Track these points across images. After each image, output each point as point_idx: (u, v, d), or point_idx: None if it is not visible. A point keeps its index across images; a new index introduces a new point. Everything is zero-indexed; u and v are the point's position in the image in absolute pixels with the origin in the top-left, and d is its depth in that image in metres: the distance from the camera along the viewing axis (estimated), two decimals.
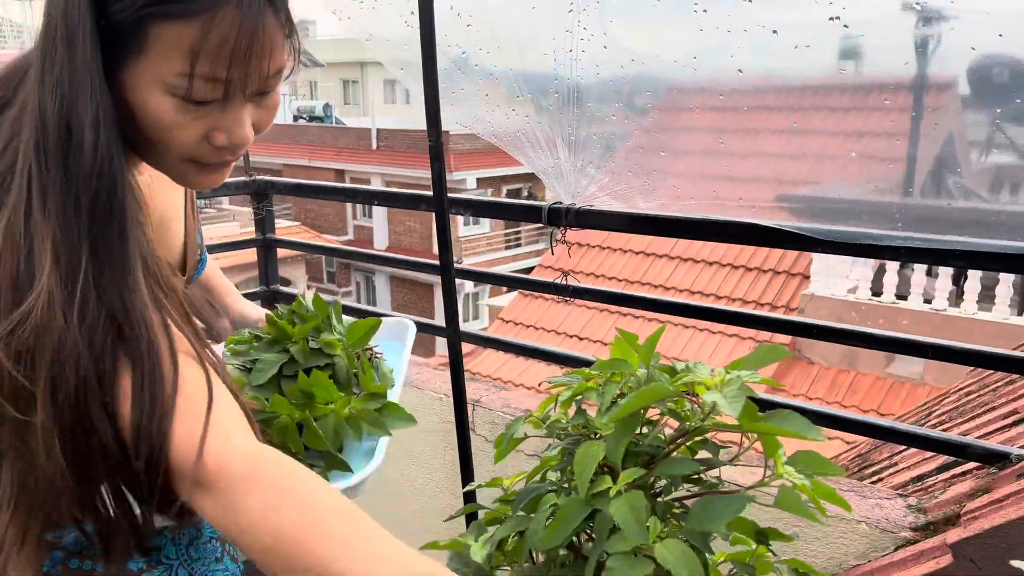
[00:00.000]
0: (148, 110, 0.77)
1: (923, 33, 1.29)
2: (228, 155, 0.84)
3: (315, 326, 0.93)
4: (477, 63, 1.63)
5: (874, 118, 1.44)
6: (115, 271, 0.74)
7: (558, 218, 1.68)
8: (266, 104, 0.84)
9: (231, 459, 0.73)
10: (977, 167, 1.39)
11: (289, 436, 0.85)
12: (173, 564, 0.98)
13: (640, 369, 0.85)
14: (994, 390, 2.00)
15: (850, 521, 1.44)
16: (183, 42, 0.73)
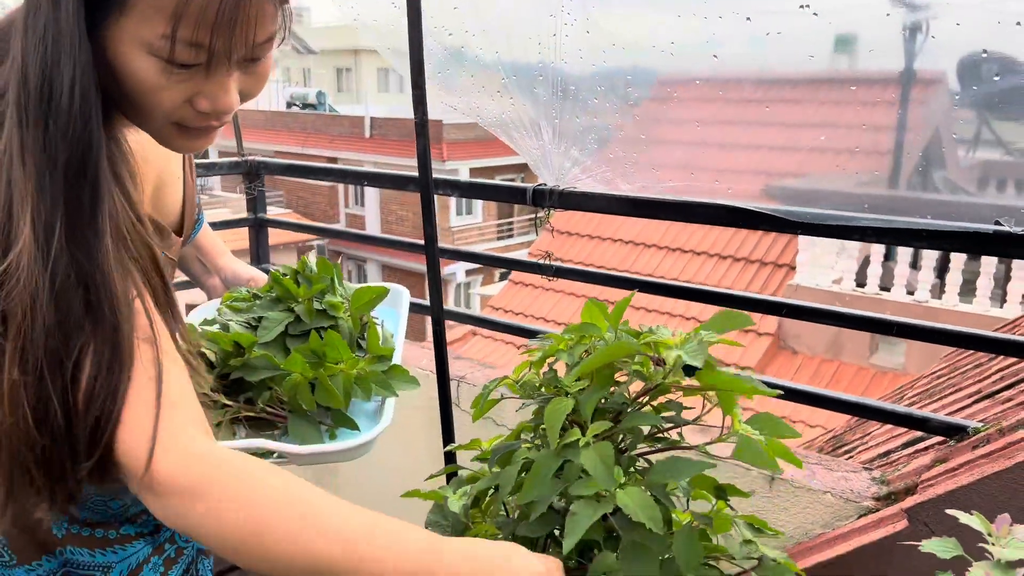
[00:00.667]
0: (130, 71, 0.77)
1: (912, 26, 1.31)
2: (212, 120, 0.83)
3: (321, 288, 0.97)
4: (464, 46, 1.66)
5: (861, 111, 1.46)
6: (86, 236, 0.74)
7: (542, 199, 1.72)
8: (256, 71, 0.83)
9: (178, 472, 0.74)
10: (964, 162, 1.40)
11: (300, 393, 0.89)
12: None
13: (608, 332, 0.90)
14: (963, 373, 2.06)
15: (816, 492, 1.50)
16: (164, 4, 0.72)
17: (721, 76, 1.56)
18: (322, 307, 0.97)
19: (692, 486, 0.94)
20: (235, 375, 0.92)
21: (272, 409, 0.92)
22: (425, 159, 1.16)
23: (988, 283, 5.58)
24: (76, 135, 0.73)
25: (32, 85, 0.73)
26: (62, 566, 0.93)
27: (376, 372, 0.94)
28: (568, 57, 1.61)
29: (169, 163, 1.02)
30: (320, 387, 0.90)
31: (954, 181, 1.46)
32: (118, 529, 0.95)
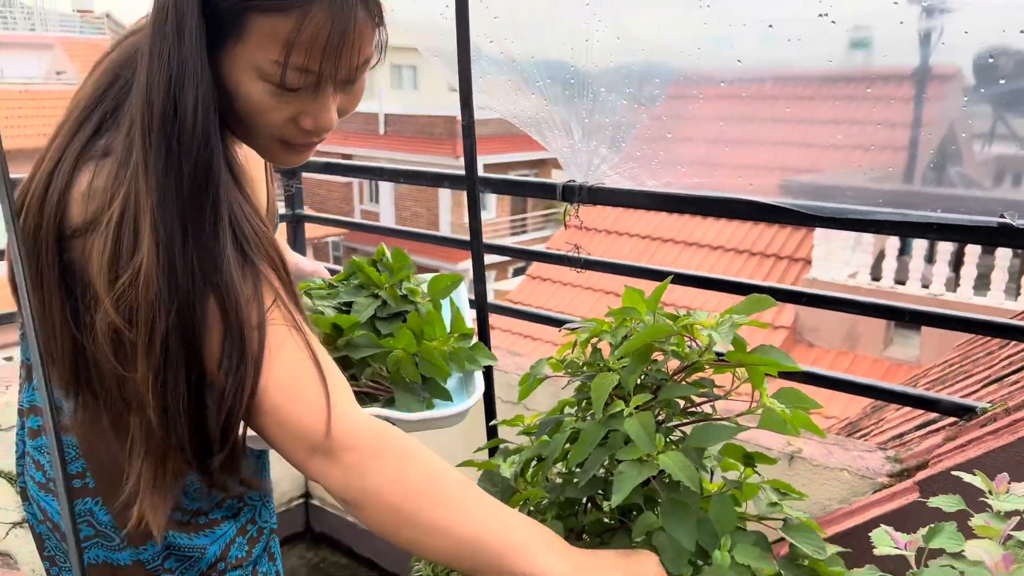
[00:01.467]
0: (242, 92, 0.83)
1: (926, 25, 1.35)
2: (314, 137, 0.91)
3: (402, 277, 1.08)
4: (502, 52, 1.75)
5: (877, 108, 1.49)
6: (206, 241, 0.81)
7: (572, 195, 1.82)
8: (352, 91, 0.90)
9: (359, 431, 0.83)
10: (980, 157, 1.45)
11: (404, 366, 0.99)
12: (256, 504, 1.14)
13: (647, 315, 1.00)
14: (974, 360, 2.15)
15: (833, 470, 1.59)
16: (278, 33, 0.79)
17: (739, 75, 1.62)
18: (403, 292, 1.08)
19: (723, 455, 1.04)
20: (337, 354, 1.03)
21: (374, 383, 1.02)
22: (472, 159, 1.26)
23: (1003, 276, 5.63)
24: (198, 153, 0.80)
25: (157, 108, 0.80)
26: (165, 549, 1.02)
27: (464, 348, 1.05)
28: (597, 59, 1.69)
29: (257, 170, 1.10)
30: (423, 360, 1.00)
31: (969, 176, 1.53)
32: (208, 514, 1.05)
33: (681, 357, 0.98)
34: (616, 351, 0.98)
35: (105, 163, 0.84)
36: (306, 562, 2.56)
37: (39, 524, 1.08)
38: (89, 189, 0.84)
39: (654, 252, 7.18)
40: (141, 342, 0.81)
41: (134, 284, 0.80)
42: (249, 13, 0.79)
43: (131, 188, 0.81)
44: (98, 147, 0.86)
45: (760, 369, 0.91)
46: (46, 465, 1.04)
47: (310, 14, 0.78)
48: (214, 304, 0.81)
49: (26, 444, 1.07)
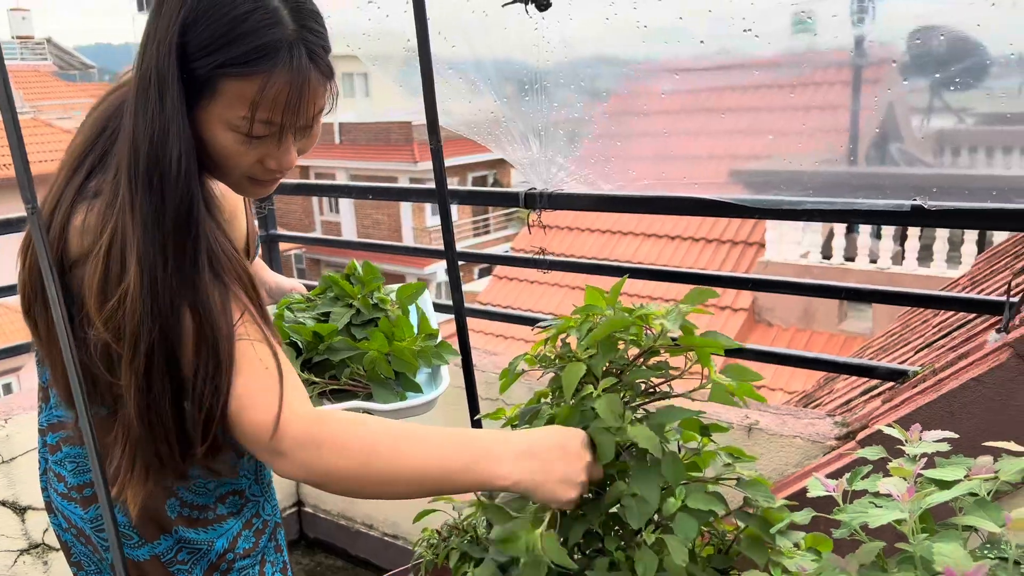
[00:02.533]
0: (215, 141, 0.97)
1: (862, 7, 1.44)
2: (278, 175, 1.06)
3: (372, 288, 1.22)
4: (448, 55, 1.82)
5: (820, 93, 1.59)
6: (185, 269, 0.94)
7: (534, 202, 1.96)
8: (309, 134, 1.05)
9: (302, 428, 0.95)
10: (920, 134, 1.53)
11: (379, 364, 1.13)
12: (259, 500, 1.26)
13: (608, 310, 1.14)
14: (912, 329, 2.33)
15: (787, 437, 1.75)
16: (245, 94, 0.93)
17: (687, 66, 1.69)
18: (375, 301, 1.22)
19: (682, 427, 1.18)
20: (319, 358, 1.16)
21: (353, 381, 1.15)
22: (441, 177, 1.39)
23: (943, 247, 5.91)
24: (180, 196, 0.94)
25: (142, 156, 0.93)
26: (177, 543, 1.14)
27: (431, 346, 1.19)
28: (548, 57, 1.71)
29: (236, 202, 1.23)
30: (395, 358, 1.14)
31: (911, 152, 1.68)
32: (215, 510, 1.17)
33: (639, 344, 1.13)
34: (582, 343, 1.12)
35: (96, 203, 0.98)
36: (303, 568, 2.66)
37: (64, 532, 1.19)
38: (83, 226, 0.97)
39: (615, 246, 7.36)
40: (126, 354, 0.94)
41: (121, 305, 0.93)
42: (221, 78, 0.93)
43: (118, 223, 0.95)
44: (89, 189, 1.00)
45: (706, 350, 1.06)
46: (67, 475, 1.15)
47: (272, 78, 0.93)
48: (191, 321, 0.95)
49: (48, 460, 1.18)
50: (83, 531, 1.16)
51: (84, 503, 1.14)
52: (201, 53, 0.92)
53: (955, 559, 0.71)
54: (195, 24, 0.92)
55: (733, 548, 1.12)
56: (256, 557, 1.23)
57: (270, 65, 0.92)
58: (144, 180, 0.93)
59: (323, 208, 23.20)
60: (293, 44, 0.94)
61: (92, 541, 1.15)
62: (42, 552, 2.08)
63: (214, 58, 0.92)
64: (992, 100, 1.42)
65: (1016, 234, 2.56)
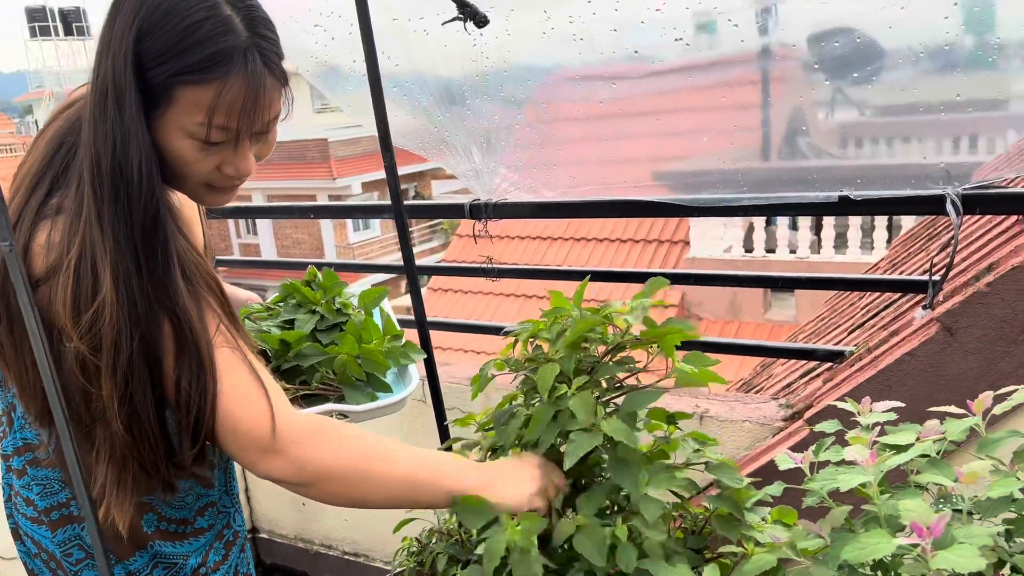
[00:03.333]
0: (172, 149, 0.98)
1: (763, 8, 1.50)
2: (236, 181, 1.07)
3: (334, 294, 1.25)
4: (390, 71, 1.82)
5: (730, 92, 1.64)
6: (159, 275, 0.96)
7: (479, 212, 2.01)
8: (266, 140, 1.07)
9: (298, 426, 1.00)
10: (825, 127, 1.63)
11: (349, 367, 1.16)
12: (230, 511, 1.27)
13: (574, 311, 1.20)
14: (840, 313, 2.47)
15: (737, 422, 1.84)
16: (202, 101, 0.94)
17: (600, 72, 1.74)
18: (338, 307, 1.25)
19: (649, 418, 1.24)
20: (288, 365, 1.18)
21: (324, 385, 1.18)
22: (396, 193, 1.42)
23: (857, 234, 6.22)
24: (146, 203, 0.96)
25: (105, 168, 0.95)
26: (152, 558, 1.15)
27: (397, 347, 1.23)
28: (462, 68, 1.78)
29: (191, 215, 1.23)
30: (365, 360, 1.18)
31: (819, 145, 1.78)
32: (193, 524, 1.19)
33: (606, 342, 1.18)
34: (555, 344, 1.17)
35: (59, 219, 0.99)
36: None
37: (33, 559, 1.18)
38: (47, 242, 0.98)
39: (545, 251, 7.47)
40: (106, 365, 0.95)
41: (99, 317, 0.94)
42: (177, 86, 0.94)
43: (85, 236, 0.96)
44: (51, 206, 1.00)
45: (670, 340, 1.12)
46: (35, 499, 1.14)
47: (227, 84, 0.95)
48: (169, 328, 0.96)
49: (14, 486, 1.17)
50: (54, 555, 1.15)
51: (52, 526, 1.14)
52: (156, 62, 0.93)
53: (919, 513, 0.78)
54: (149, 34, 0.93)
55: (706, 528, 1.18)
56: (228, 570, 1.24)
57: (224, 71, 0.94)
58: (109, 190, 0.95)
59: (239, 230, 22.69)
60: (247, 50, 0.96)
61: (62, 565, 1.15)
62: None
63: (169, 66, 0.93)
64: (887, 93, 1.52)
65: (927, 218, 2.74)
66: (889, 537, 0.78)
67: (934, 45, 1.36)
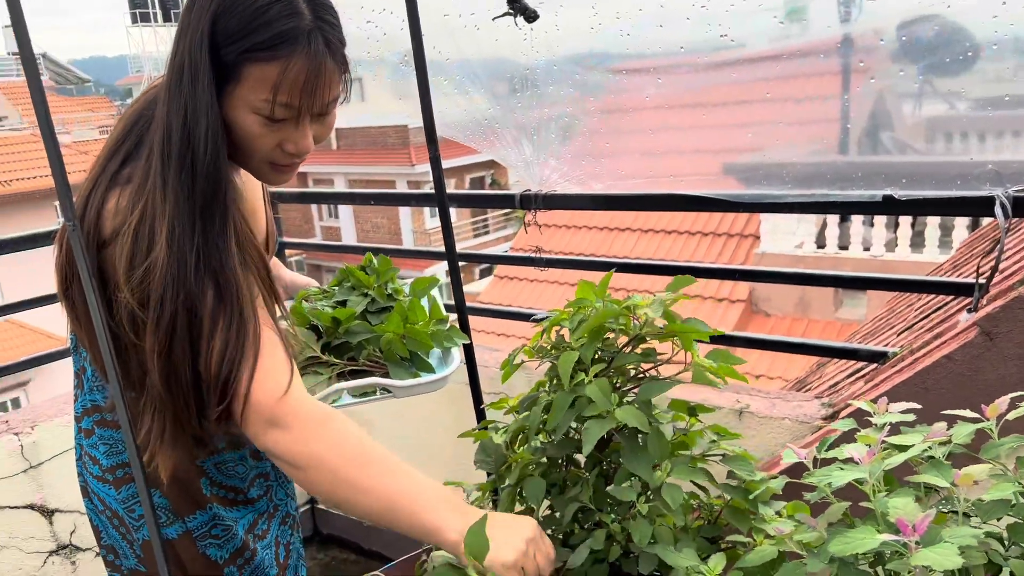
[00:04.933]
0: (239, 124, 1.06)
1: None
2: (296, 159, 1.14)
3: (387, 279, 1.33)
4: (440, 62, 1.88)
5: (810, 83, 1.63)
6: (214, 240, 1.04)
7: (529, 203, 2.05)
8: (325, 122, 1.13)
9: (308, 409, 1.05)
10: (911, 121, 1.59)
11: (395, 345, 1.23)
12: (274, 485, 1.35)
13: (597, 302, 1.23)
14: (897, 313, 2.42)
15: (776, 419, 1.84)
16: (267, 77, 1.02)
17: (679, 61, 1.73)
18: (389, 291, 1.32)
19: (672, 409, 1.27)
20: (338, 341, 1.26)
21: (371, 362, 1.25)
22: (440, 183, 1.48)
23: (935, 233, 5.99)
24: (209, 170, 1.03)
25: (175, 136, 1.03)
26: (211, 519, 1.24)
27: (443, 330, 1.29)
28: (539, 52, 1.79)
29: (256, 198, 1.32)
30: (410, 339, 1.24)
31: (903, 140, 1.75)
32: (245, 493, 1.28)
33: (627, 333, 1.22)
34: (575, 333, 1.21)
35: (127, 187, 1.07)
36: (318, 562, 2.75)
37: (99, 515, 1.27)
38: (115, 208, 1.07)
39: (612, 242, 7.45)
40: (151, 320, 1.02)
41: (149, 273, 1.02)
42: (246, 63, 1.02)
43: (148, 200, 1.04)
44: (123, 175, 1.09)
45: (688, 336, 1.15)
46: (101, 458, 1.23)
47: (291, 62, 1.02)
48: (214, 291, 1.03)
49: (83, 446, 1.27)
50: (116, 512, 1.24)
51: (116, 484, 1.23)
52: (229, 40, 1.01)
53: (906, 511, 0.80)
54: (224, 15, 1.01)
55: (720, 519, 1.21)
56: (271, 540, 1.33)
57: (289, 50, 1.01)
58: (176, 158, 1.02)
59: (322, 214, 23.28)
60: (311, 33, 1.03)
61: (125, 521, 1.24)
62: (70, 553, 2.18)
63: (240, 44, 1.01)
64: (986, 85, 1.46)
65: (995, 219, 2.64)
66: (875, 533, 0.80)
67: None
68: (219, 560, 1.25)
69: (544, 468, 1.28)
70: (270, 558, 1.32)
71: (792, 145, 1.73)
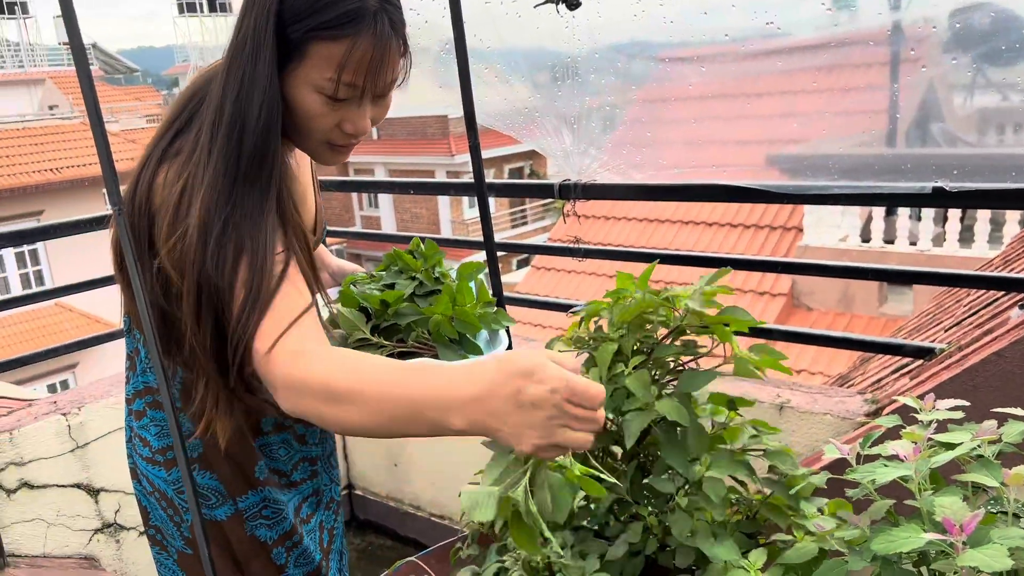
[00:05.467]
0: (300, 103, 1.06)
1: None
2: (352, 139, 1.14)
3: (433, 263, 1.33)
4: (481, 50, 1.85)
5: (858, 73, 1.59)
6: (250, 212, 1.03)
7: (568, 192, 2.04)
8: (383, 103, 1.13)
9: (321, 348, 0.94)
10: (962, 112, 1.56)
11: (443, 326, 1.23)
12: (321, 471, 1.37)
13: (637, 293, 1.22)
14: (944, 309, 2.36)
15: (818, 414, 1.81)
16: (333, 56, 1.02)
17: (724, 51, 1.70)
18: (436, 275, 1.33)
19: (711, 403, 1.25)
20: (386, 323, 1.27)
21: (419, 344, 1.26)
22: (479, 172, 1.48)
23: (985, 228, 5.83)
24: (256, 143, 1.03)
25: (226, 112, 1.03)
26: (262, 500, 1.26)
27: (490, 312, 1.30)
28: (582, 42, 1.77)
29: (307, 182, 1.32)
30: (458, 320, 1.25)
31: (953, 132, 1.71)
32: (289, 476, 1.29)
33: (668, 324, 1.20)
34: (613, 324, 1.20)
35: (176, 160, 1.08)
36: (355, 547, 2.79)
37: (147, 496, 1.29)
38: (164, 180, 1.08)
39: (652, 233, 7.39)
40: (186, 288, 1.03)
41: (182, 239, 1.02)
42: (311, 41, 1.02)
43: (192, 171, 1.05)
44: (172, 149, 1.10)
45: (728, 328, 1.13)
46: (151, 439, 1.25)
47: (357, 42, 1.01)
48: (239, 261, 1.01)
49: (133, 428, 1.29)
50: (165, 494, 1.26)
51: (167, 465, 1.24)
52: (295, 18, 1.01)
53: (953, 510, 0.78)
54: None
55: (760, 514, 1.19)
56: (316, 525, 1.34)
57: (356, 30, 1.01)
58: (225, 130, 1.03)
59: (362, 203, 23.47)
60: (377, 13, 1.02)
61: (173, 503, 1.25)
62: (114, 531, 2.23)
63: (307, 23, 1.01)
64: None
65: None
66: (920, 532, 0.78)
67: None
68: (268, 541, 1.27)
69: (580, 458, 1.28)
70: (314, 543, 1.34)
71: (839, 136, 1.71)
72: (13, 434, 2.03)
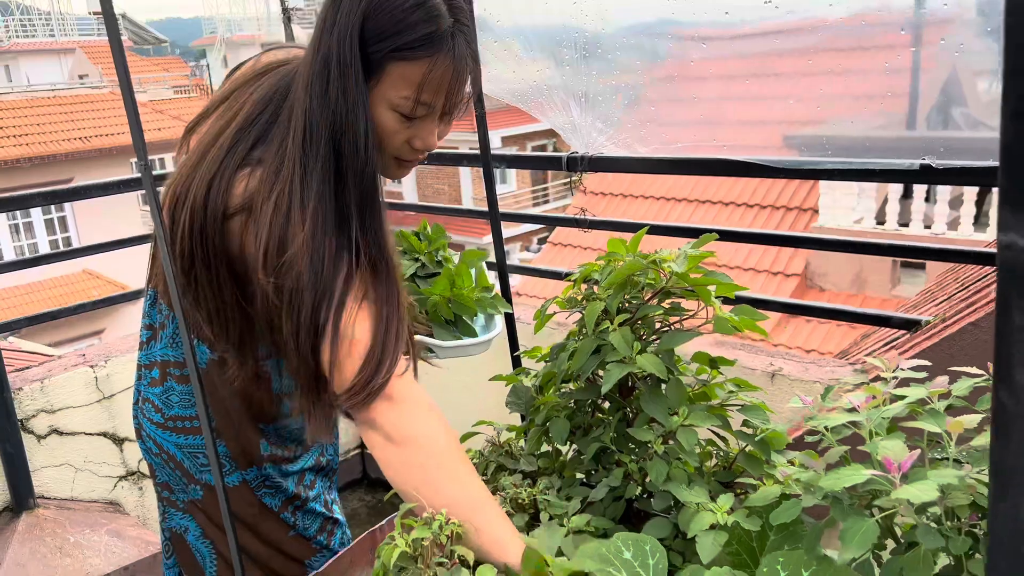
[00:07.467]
0: (376, 120, 1.08)
1: None
2: (420, 155, 1.16)
3: (437, 246, 1.41)
4: (493, 26, 1.90)
5: (879, 55, 1.59)
6: (378, 231, 1.08)
7: (575, 165, 2.11)
8: (450, 120, 1.15)
9: (420, 390, 1.09)
10: (986, 97, 1.56)
11: (440, 307, 1.31)
12: (325, 444, 1.45)
13: (627, 256, 1.30)
14: (942, 287, 2.42)
15: (809, 383, 1.88)
16: (411, 76, 1.04)
17: (743, 32, 1.73)
18: (439, 259, 1.40)
19: (695, 361, 1.33)
20: None
21: (416, 323, 1.35)
22: (485, 142, 1.55)
23: None
24: (366, 168, 1.07)
25: (320, 134, 1.04)
26: (260, 476, 1.34)
27: (486, 297, 1.37)
28: (604, 20, 1.82)
29: None
30: (455, 302, 1.33)
31: (975, 117, 1.68)
32: (295, 451, 1.38)
33: (654, 286, 1.28)
34: (603, 285, 1.28)
35: (258, 169, 1.11)
36: (366, 504, 2.90)
37: (153, 456, 1.36)
38: (246, 185, 1.11)
39: (668, 212, 7.43)
40: (285, 309, 1.07)
41: (287, 265, 1.05)
42: (391, 61, 1.05)
43: (285, 191, 1.06)
44: (253, 157, 1.13)
45: (709, 290, 1.21)
46: (170, 407, 1.31)
47: (436, 63, 1.05)
48: (381, 275, 1.08)
49: (142, 392, 1.35)
50: (174, 457, 1.32)
51: (179, 432, 1.30)
52: (377, 39, 1.03)
53: (894, 451, 0.85)
54: (373, 14, 1.03)
55: (736, 465, 1.27)
56: (319, 494, 1.45)
57: (434, 51, 1.04)
58: (324, 155, 1.05)
59: None
60: (454, 34, 1.05)
61: (183, 465, 1.32)
62: (138, 479, 2.35)
63: (388, 43, 1.03)
64: None
65: None
66: (862, 470, 0.86)
67: None
68: (274, 508, 1.36)
69: (570, 411, 1.36)
70: (319, 506, 1.44)
71: (858, 118, 1.73)
72: (44, 383, 2.15)
